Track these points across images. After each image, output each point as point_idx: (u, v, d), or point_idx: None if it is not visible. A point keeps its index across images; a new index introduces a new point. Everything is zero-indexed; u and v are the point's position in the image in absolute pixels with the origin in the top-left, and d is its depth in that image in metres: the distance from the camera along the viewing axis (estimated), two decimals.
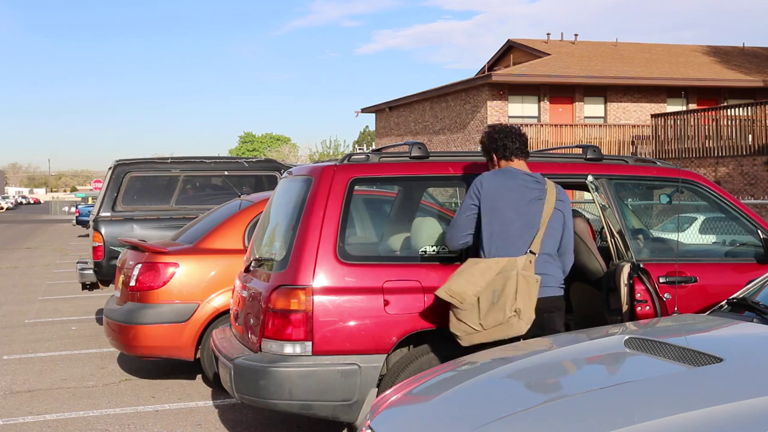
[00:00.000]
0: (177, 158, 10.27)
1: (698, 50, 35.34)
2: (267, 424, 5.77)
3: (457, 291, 4.34)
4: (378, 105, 37.97)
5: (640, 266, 4.87)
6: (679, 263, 4.97)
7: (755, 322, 3.51)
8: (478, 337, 4.35)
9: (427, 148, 5.07)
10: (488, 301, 4.33)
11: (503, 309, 4.32)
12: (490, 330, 4.33)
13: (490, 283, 4.34)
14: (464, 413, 2.87)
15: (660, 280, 4.88)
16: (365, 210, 5.99)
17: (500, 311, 4.32)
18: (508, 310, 4.32)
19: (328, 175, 4.83)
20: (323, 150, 58.13)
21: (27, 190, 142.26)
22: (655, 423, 2.43)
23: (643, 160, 5.64)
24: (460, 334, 4.38)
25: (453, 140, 31.30)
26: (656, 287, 4.82)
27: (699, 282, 5.00)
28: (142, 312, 6.57)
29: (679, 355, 3.06)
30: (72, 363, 7.97)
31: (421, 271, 4.74)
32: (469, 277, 4.36)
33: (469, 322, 4.35)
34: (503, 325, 4.33)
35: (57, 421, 5.95)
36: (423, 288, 4.67)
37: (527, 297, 4.35)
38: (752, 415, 2.44)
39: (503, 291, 4.33)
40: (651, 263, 4.97)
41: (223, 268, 6.53)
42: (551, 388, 3.09)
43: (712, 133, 23.03)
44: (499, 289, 4.34)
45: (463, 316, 4.35)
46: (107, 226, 9.33)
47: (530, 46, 33.63)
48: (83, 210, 36.02)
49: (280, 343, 4.59)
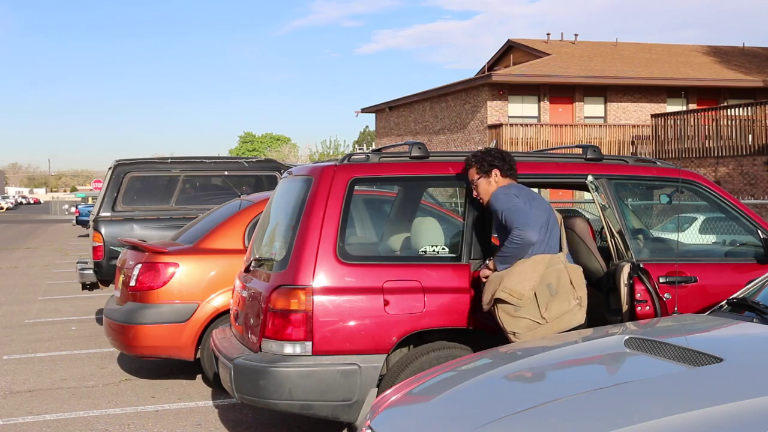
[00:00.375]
0: (177, 158, 10.26)
1: (698, 50, 35.34)
2: (267, 424, 5.77)
3: (515, 288, 4.44)
4: (378, 105, 37.96)
5: (640, 266, 4.87)
6: (679, 263, 4.97)
7: (755, 322, 3.51)
8: (541, 330, 4.45)
9: (427, 148, 5.08)
10: (546, 295, 4.48)
11: (566, 299, 4.52)
12: (553, 322, 4.47)
13: (543, 278, 4.49)
14: (464, 413, 2.87)
15: (660, 280, 4.88)
16: (365, 210, 5.99)
17: (564, 301, 4.51)
18: (572, 299, 4.53)
19: (328, 175, 4.83)
20: (323, 150, 58.11)
21: (27, 190, 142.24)
22: (655, 423, 2.43)
23: (643, 160, 5.64)
24: (521, 330, 4.46)
25: (453, 140, 31.30)
26: (656, 287, 4.83)
27: (699, 282, 5.00)
28: (142, 312, 6.57)
29: (679, 355, 3.06)
30: (72, 363, 7.97)
31: (421, 271, 4.74)
32: (521, 275, 4.48)
33: (530, 317, 4.46)
34: (567, 315, 4.51)
35: (57, 421, 5.95)
36: (423, 288, 4.67)
37: (582, 286, 4.60)
38: (752, 415, 2.45)
39: (559, 283, 4.52)
40: (651, 263, 4.97)
41: (223, 268, 6.53)
42: (551, 388, 3.09)
43: (712, 133, 23.03)
44: (554, 281, 4.52)
45: (522, 312, 4.46)
46: (107, 226, 9.33)
47: (530, 46, 33.63)
48: (83, 210, 36.02)
49: (280, 343, 4.59)
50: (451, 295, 4.72)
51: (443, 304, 4.69)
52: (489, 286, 4.57)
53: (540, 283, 4.50)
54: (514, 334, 4.47)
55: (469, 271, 4.79)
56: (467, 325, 4.74)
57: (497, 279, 4.53)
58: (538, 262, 4.54)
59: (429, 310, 4.65)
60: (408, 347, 4.79)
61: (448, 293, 4.72)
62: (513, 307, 4.46)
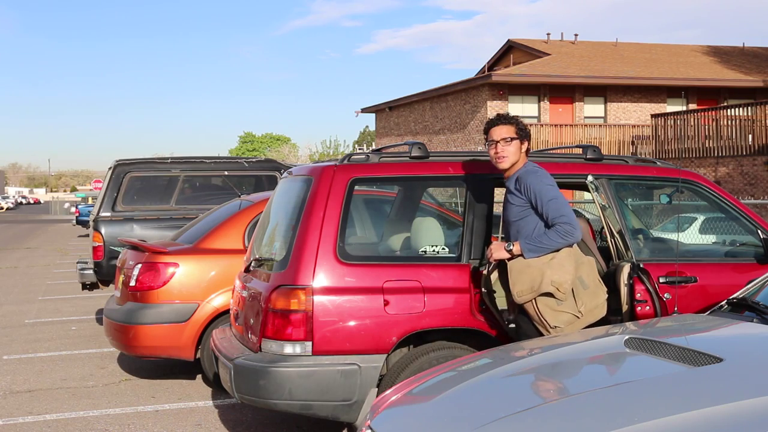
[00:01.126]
0: (177, 158, 10.26)
1: (698, 50, 35.34)
2: (267, 424, 5.77)
3: (563, 282, 4.37)
4: (378, 105, 37.96)
5: (640, 266, 4.87)
6: (679, 263, 4.97)
7: (755, 322, 3.50)
8: (578, 324, 4.42)
9: (427, 148, 5.07)
10: (580, 289, 4.45)
11: (597, 293, 4.51)
12: (586, 316, 4.45)
13: (575, 271, 4.44)
14: (464, 413, 2.87)
15: (660, 280, 4.88)
16: (365, 210, 5.99)
17: (596, 295, 4.51)
18: (602, 293, 4.54)
19: (328, 175, 4.83)
20: (323, 150, 58.13)
21: (27, 190, 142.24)
22: (655, 423, 2.43)
23: (643, 160, 5.64)
24: (562, 324, 4.40)
25: (453, 140, 31.30)
26: (656, 287, 4.82)
27: (699, 282, 5.00)
28: (142, 312, 6.56)
29: (679, 355, 3.06)
30: (72, 363, 7.97)
31: (421, 271, 4.74)
32: (563, 268, 4.39)
33: (570, 311, 4.41)
34: (598, 308, 4.51)
35: (57, 421, 5.95)
36: (423, 288, 4.67)
37: (601, 281, 4.60)
38: (752, 415, 2.44)
39: (588, 276, 4.50)
40: (651, 263, 4.97)
41: (223, 268, 6.53)
42: (551, 388, 3.09)
43: (712, 133, 23.03)
44: (584, 275, 4.48)
45: (564, 306, 4.41)
46: (107, 226, 9.33)
47: (530, 46, 33.63)
48: (83, 210, 36.02)
49: (280, 343, 4.59)
50: (451, 295, 4.72)
51: (443, 304, 4.69)
52: (522, 276, 4.39)
53: (574, 277, 4.43)
54: (555, 329, 4.38)
55: (469, 271, 4.79)
56: (467, 325, 4.74)
57: (536, 271, 4.36)
58: (570, 254, 4.44)
59: (429, 310, 4.65)
60: (408, 347, 4.79)
61: (448, 293, 4.72)
62: (556, 301, 4.37)
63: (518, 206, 4.53)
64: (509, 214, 4.60)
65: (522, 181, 4.50)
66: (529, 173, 4.50)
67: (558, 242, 4.38)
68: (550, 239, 4.37)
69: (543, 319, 4.40)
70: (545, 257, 4.38)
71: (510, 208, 4.59)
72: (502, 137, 4.51)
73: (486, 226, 4.92)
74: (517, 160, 4.55)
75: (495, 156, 4.54)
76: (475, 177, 4.99)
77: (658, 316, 4.70)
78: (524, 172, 4.53)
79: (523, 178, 4.50)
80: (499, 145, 4.52)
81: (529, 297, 4.39)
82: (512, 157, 4.53)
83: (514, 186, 4.55)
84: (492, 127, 4.57)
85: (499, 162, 4.55)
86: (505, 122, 4.56)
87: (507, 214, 4.63)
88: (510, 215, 4.59)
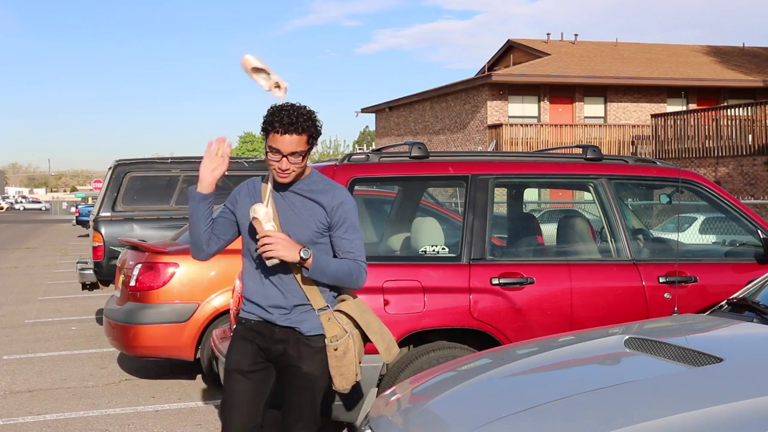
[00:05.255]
0: (177, 158, 10.26)
1: (698, 50, 35.34)
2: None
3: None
4: (378, 105, 37.96)
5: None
6: (679, 263, 4.97)
7: (755, 322, 3.50)
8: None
9: (427, 148, 5.07)
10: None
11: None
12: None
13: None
14: (464, 413, 2.87)
15: (660, 280, 4.88)
16: (365, 210, 5.99)
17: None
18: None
19: (328, 175, 4.82)
20: (323, 150, 58.13)
21: (27, 190, 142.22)
22: (655, 423, 2.43)
23: (643, 160, 5.64)
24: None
25: (453, 140, 31.30)
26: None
27: (699, 282, 5.00)
28: (142, 312, 6.57)
29: (679, 355, 3.06)
30: (72, 363, 7.97)
31: (421, 271, 4.74)
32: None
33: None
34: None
35: (57, 421, 5.95)
36: (423, 288, 4.67)
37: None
38: (752, 415, 2.44)
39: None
40: (651, 263, 4.97)
41: (223, 268, 6.52)
42: (551, 388, 3.08)
43: (712, 133, 23.04)
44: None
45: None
46: (107, 226, 9.33)
47: (530, 46, 33.64)
48: (83, 210, 36.02)
49: None
50: (451, 295, 4.72)
51: (443, 304, 4.68)
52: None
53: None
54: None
55: (469, 271, 4.79)
56: (467, 325, 4.74)
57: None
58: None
59: (429, 310, 4.64)
60: (408, 347, 4.79)
61: (448, 293, 4.72)
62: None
63: (319, 227, 3.48)
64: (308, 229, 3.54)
65: (337, 208, 3.44)
66: (347, 199, 3.48)
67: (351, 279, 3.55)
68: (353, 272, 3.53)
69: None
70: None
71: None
72: (292, 151, 3.33)
73: (486, 226, 4.92)
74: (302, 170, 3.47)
75: (279, 170, 3.38)
76: (475, 177, 4.98)
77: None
78: (347, 198, 3.49)
79: (342, 203, 3.45)
80: (285, 160, 3.35)
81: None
82: (299, 169, 3.41)
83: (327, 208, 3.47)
84: (278, 132, 3.33)
85: (281, 178, 3.41)
86: (298, 131, 3.31)
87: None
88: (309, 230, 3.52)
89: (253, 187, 3.62)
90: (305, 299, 3.42)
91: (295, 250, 3.29)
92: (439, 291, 4.69)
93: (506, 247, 5.51)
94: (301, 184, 3.48)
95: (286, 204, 3.47)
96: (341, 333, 3.43)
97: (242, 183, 3.66)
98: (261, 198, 3.51)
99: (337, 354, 3.42)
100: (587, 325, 4.72)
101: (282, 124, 3.31)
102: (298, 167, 3.38)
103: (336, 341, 3.42)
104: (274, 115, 3.34)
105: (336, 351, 3.42)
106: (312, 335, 3.43)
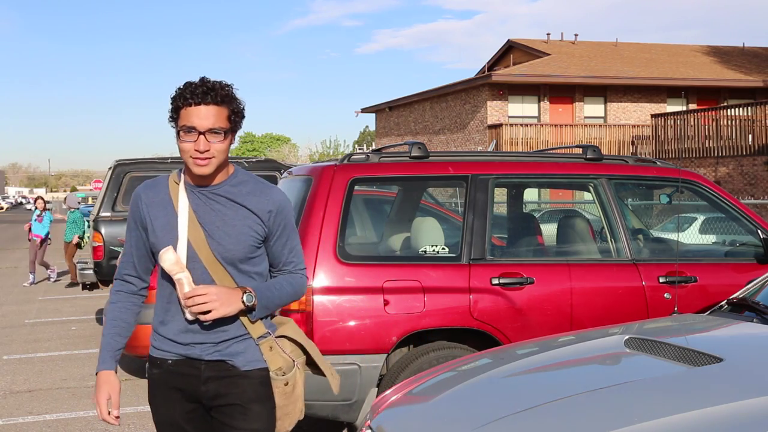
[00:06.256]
0: (177, 158, 10.26)
1: (698, 50, 35.34)
2: None
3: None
4: (378, 105, 37.97)
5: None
6: (679, 263, 4.97)
7: (755, 322, 3.50)
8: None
9: (427, 148, 5.07)
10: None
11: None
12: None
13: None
14: (464, 413, 2.87)
15: (660, 280, 4.89)
16: (365, 210, 5.99)
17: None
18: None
19: (328, 175, 4.82)
20: (323, 150, 58.09)
21: (27, 190, 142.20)
22: (655, 423, 2.43)
23: (643, 160, 5.64)
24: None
25: (453, 140, 31.30)
26: None
27: (699, 282, 5.00)
28: (142, 312, 6.54)
29: (679, 355, 3.06)
30: (72, 363, 7.97)
31: (421, 271, 4.74)
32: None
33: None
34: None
35: (57, 421, 5.95)
36: (423, 288, 4.67)
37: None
38: (752, 415, 2.44)
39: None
40: (651, 263, 4.97)
41: None
42: (551, 388, 3.08)
43: (712, 133, 23.04)
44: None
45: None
46: (107, 226, 9.33)
47: (530, 46, 33.64)
48: (83, 210, 35.95)
49: None
50: (451, 295, 4.72)
51: (443, 304, 4.69)
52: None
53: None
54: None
55: (469, 271, 4.79)
56: (467, 325, 4.74)
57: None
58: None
59: (429, 310, 4.64)
60: (408, 347, 4.79)
61: (448, 293, 4.72)
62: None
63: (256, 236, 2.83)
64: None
65: (275, 209, 2.85)
66: (283, 199, 2.91)
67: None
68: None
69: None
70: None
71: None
72: (210, 127, 2.63)
73: (486, 226, 4.92)
74: (225, 161, 2.76)
75: (197, 154, 2.63)
76: (475, 177, 4.99)
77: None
78: (282, 197, 2.91)
79: (279, 204, 2.87)
80: (203, 139, 2.63)
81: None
82: (222, 156, 2.69)
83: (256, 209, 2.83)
84: (191, 104, 2.63)
85: (199, 165, 2.65)
86: (216, 100, 2.66)
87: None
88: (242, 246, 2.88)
89: (157, 191, 2.79)
90: (241, 329, 2.73)
91: (236, 300, 2.65)
92: (439, 291, 4.70)
93: (506, 247, 5.52)
94: (226, 185, 2.76)
95: (209, 210, 2.73)
96: (288, 365, 2.79)
97: (139, 189, 2.83)
98: (173, 205, 2.74)
99: (287, 390, 2.79)
100: (587, 325, 4.72)
101: (195, 93, 2.61)
102: (219, 152, 2.64)
103: (282, 375, 2.78)
104: (186, 87, 2.65)
105: (286, 386, 2.78)
106: (249, 369, 2.74)
